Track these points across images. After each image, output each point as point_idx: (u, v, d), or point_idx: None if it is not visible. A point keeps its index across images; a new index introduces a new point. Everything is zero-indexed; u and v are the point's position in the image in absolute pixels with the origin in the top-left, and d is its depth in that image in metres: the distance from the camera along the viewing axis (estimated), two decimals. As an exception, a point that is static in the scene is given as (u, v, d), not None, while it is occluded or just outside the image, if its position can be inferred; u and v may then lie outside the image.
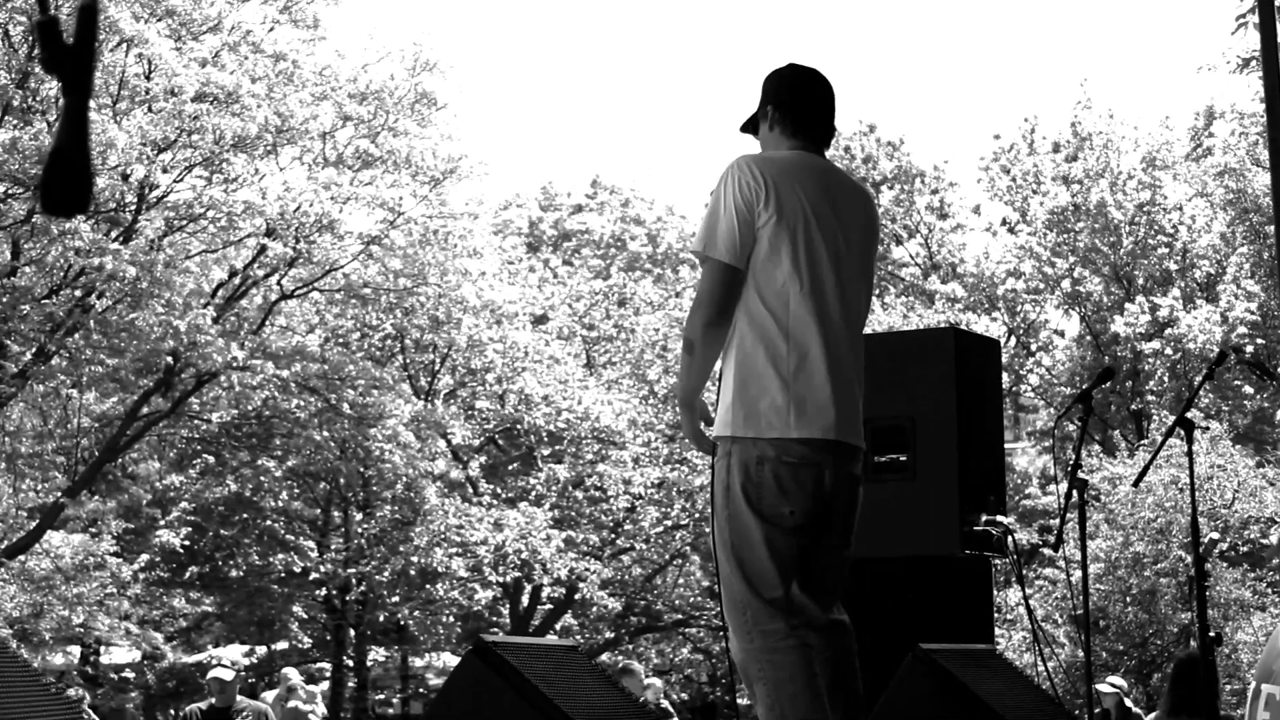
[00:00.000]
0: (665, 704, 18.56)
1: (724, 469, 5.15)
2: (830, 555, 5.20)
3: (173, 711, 34.91)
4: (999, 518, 9.23)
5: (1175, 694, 9.87)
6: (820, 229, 5.21)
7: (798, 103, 5.47)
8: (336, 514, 36.58)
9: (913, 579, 9.19)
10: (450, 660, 39.11)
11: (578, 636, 34.42)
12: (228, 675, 14.27)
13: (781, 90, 5.49)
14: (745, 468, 5.08)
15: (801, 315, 5.14)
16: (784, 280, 5.14)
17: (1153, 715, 10.52)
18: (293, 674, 19.55)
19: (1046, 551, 28.68)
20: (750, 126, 5.63)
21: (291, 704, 17.97)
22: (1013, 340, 37.69)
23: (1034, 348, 38.57)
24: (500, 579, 32.15)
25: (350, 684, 37.12)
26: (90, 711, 17.17)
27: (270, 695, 19.14)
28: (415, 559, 31.60)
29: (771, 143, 5.44)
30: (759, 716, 5.09)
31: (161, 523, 32.41)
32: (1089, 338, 36.96)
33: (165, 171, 25.03)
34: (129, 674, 36.42)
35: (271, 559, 34.97)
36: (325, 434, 29.91)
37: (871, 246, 5.52)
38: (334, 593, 35.27)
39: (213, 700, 14.13)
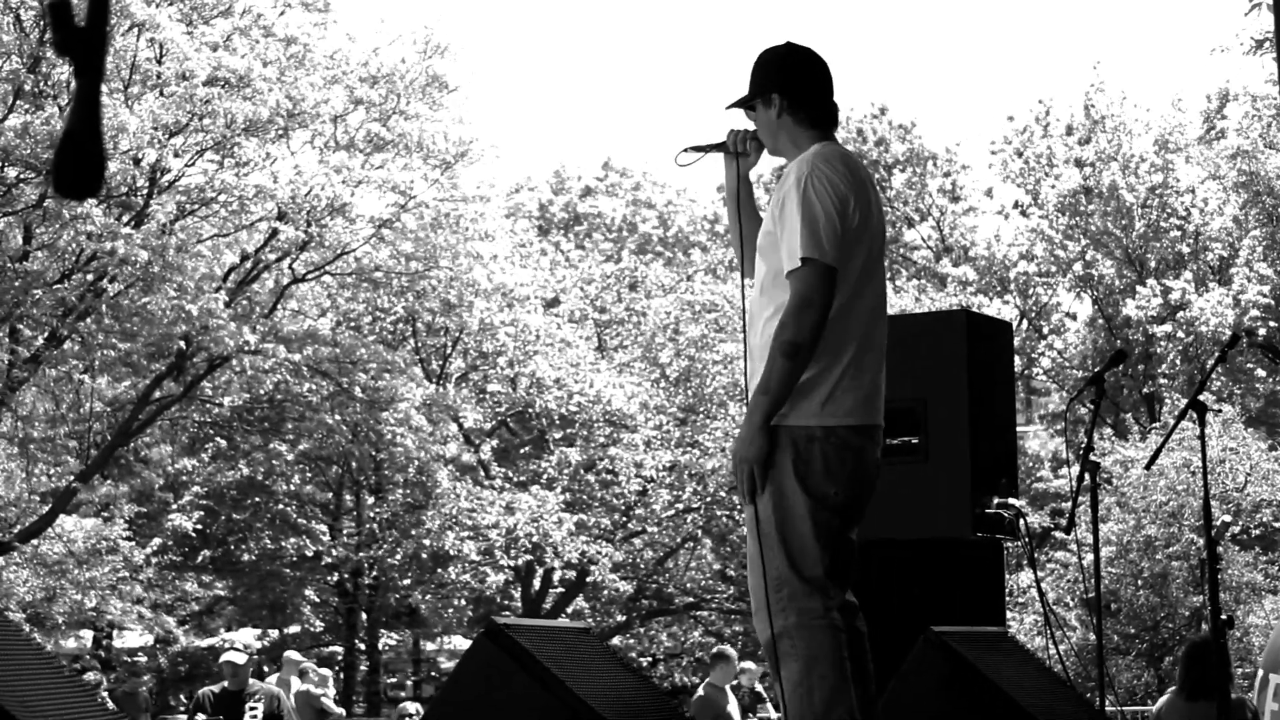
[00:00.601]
0: (760, 688, 18.62)
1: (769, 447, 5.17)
2: (851, 537, 5.29)
3: (185, 695, 35.00)
4: (1010, 500, 9.21)
5: (1187, 677, 9.86)
6: (872, 225, 5.31)
7: (808, 89, 5.43)
8: (348, 497, 36.62)
9: (924, 562, 9.18)
10: (462, 643, 39.17)
11: (589, 620, 34.44)
12: (240, 659, 14.31)
13: (788, 76, 5.43)
14: (795, 445, 5.13)
15: (859, 309, 5.24)
16: (854, 281, 5.22)
17: (1164, 698, 10.51)
18: (295, 655, 19.57)
19: (1058, 535, 28.67)
20: (743, 104, 5.53)
21: (304, 687, 17.98)
22: (1024, 323, 37.65)
23: (1046, 330, 38.53)
24: (512, 562, 32.17)
25: (362, 667, 37.19)
26: (105, 695, 17.21)
27: (274, 679, 19.13)
28: (427, 542, 31.64)
29: (786, 130, 5.39)
30: (783, 692, 5.11)
31: (174, 507, 32.46)
32: (1101, 321, 36.93)
33: (177, 155, 25.04)
34: (141, 658, 36.59)
35: (283, 543, 35.03)
36: (337, 417, 29.94)
37: (884, 227, 5.56)
38: (346, 576, 35.32)
39: (225, 683, 14.17)
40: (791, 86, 5.40)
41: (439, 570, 33.79)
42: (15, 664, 5.58)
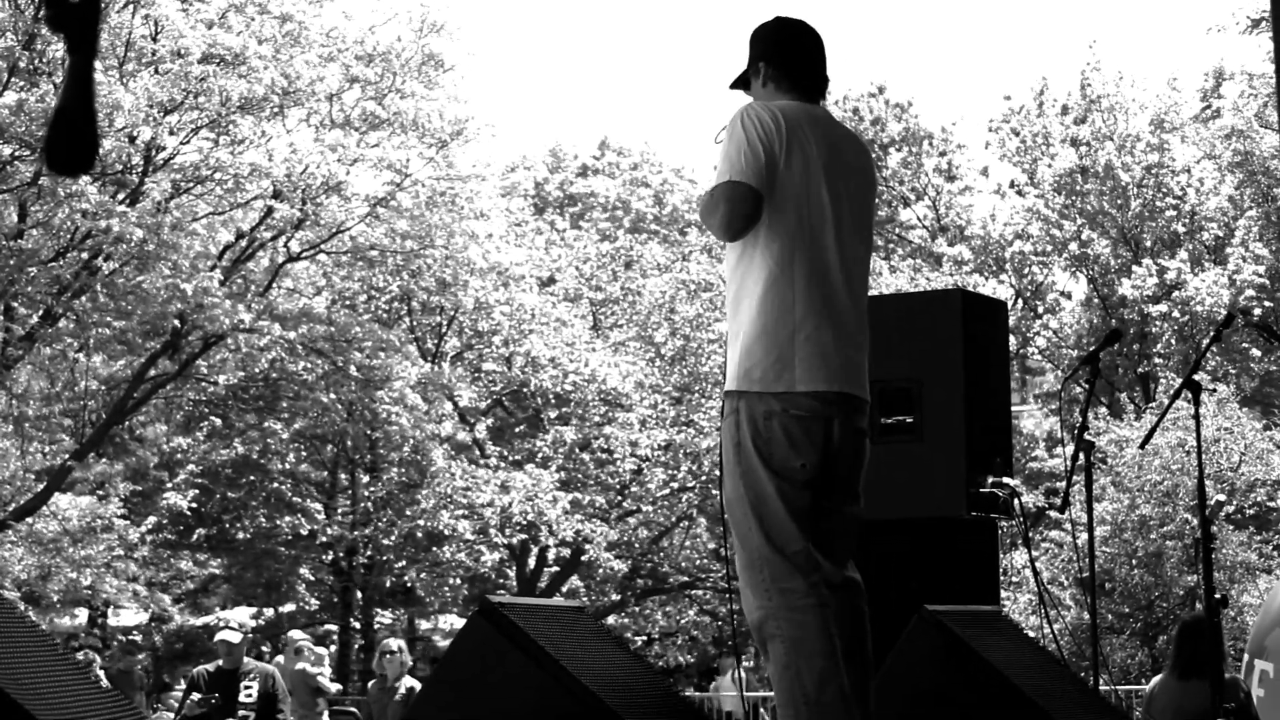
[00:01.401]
0: None
1: (733, 425, 5.15)
2: (840, 512, 5.23)
3: (180, 673, 35.05)
4: (1005, 479, 9.22)
5: (1179, 656, 9.88)
6: (826, 181, 5.22)
7: (789, 56, 5.48)
8: (343, 476, 36.62)
9: (919, 540, 9.20)
10: (457, 622, 39.19)
11: (584, 598, 34.45)
12: (235, 637, 14.31)
13: (771, 45, 5.50)
14: (754, 423, 5.09)
15: (809, 269, 5.15)
16: (793, 234, 5.15)
17: (1157, 677, 10.53)
18: (298, 635, 19.57)
19: (1052, 514, 28.67)
20: (741, 83, 5.62)
21: (300, 666, 17.97)
22: (1020, 302, 37.63)
23: (1041, 310, 38.49)
24: (506, 541, 32.17)
25: (357, 646, 37.22)
26: (100, 674, 17.21)
27: (280, 661, 19.17)
28: (422, 521, 31.63)
29: (766, 97, 5.42)
30: (773, 675, 5.09)
31: (169, 485, 32.45)
32: (1096, 300, 36.91)
33: (172, 133, 25.01)
34: (136, 636, 36.60)
35: (278, 521, 35.03)
36: (332, 396, 29.91)
37: (870, 197, 5.51)
38: (341, 555, 35.33)
39: (220, 662, 14.17)
40: (776, 55, 5.48)
41: (434, 549, 33.78)
42: (10, 642, 5.58)
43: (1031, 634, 9.02)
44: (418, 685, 15.57)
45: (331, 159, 25.88)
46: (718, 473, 5.37)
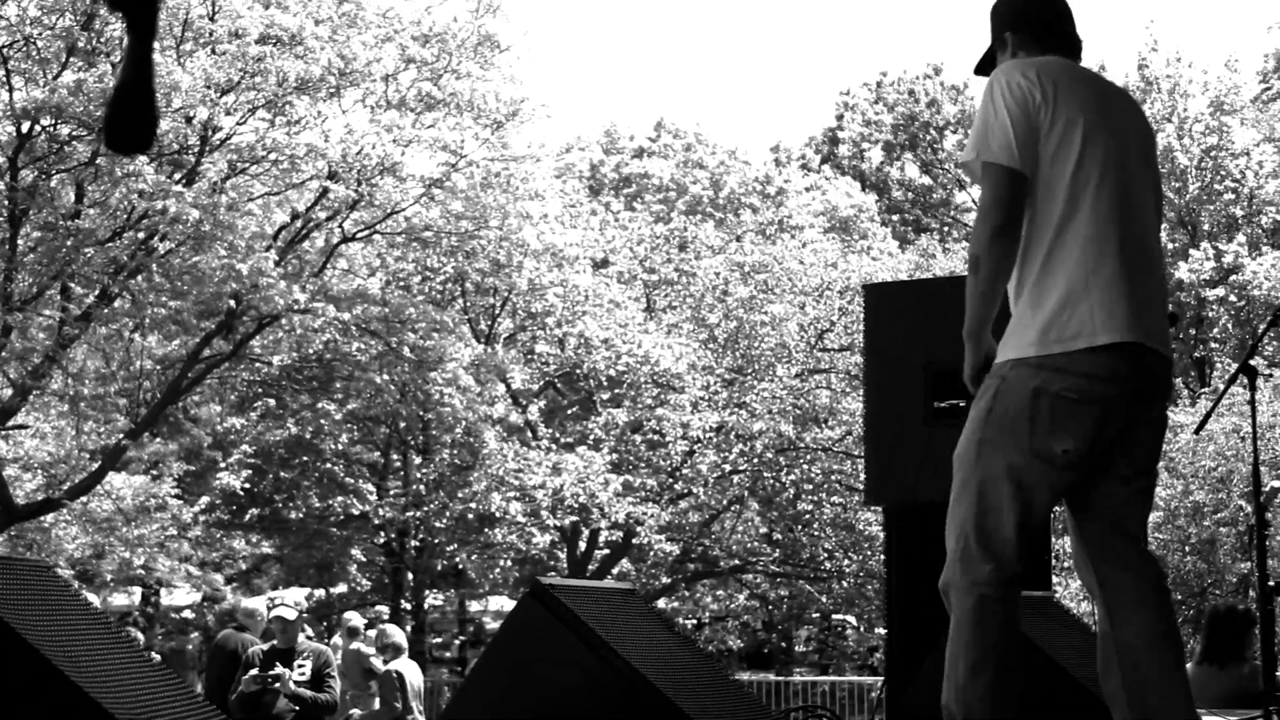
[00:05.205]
0: None
1: (991, 392, 5.01)
2: (1118, 489, 5.05)
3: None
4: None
5: (1205, 643, 9.91)
6: (1102, 131, 5.04)
7: (1035, 21, 5.33)
8: (396, 457, 36.70)
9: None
10: (507, 604, 39.27)
11: (635, 581, 34.43)
12: (291, 615, 14.32)
13: (1016, 14, 5.37)
14: (1020, 395, 4.92)
15: (1093, 219, 4.96)
16: (1070, 185, 4.96)
17: (1187, 665, 10.53)
18: (354, 617, 19.64)
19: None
20: (985, 65, 5.45)
21: (354, 646, 18.03)
22: (1075, 287, 37.45)
23: (1097, 294, 38.30)
24: (558, 523, 32.17)
25: (408, 627, 37.34)
26: (155, 655, 17.30)
27: (337, 640, 19.24)
28: (473, 503, 31.66)
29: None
30: (949, 639, 4.96)
31: (222, 465, 32.59)
32: (1152, 285, 36.70)
33: (228, 114, 25.09)
34: (189, 615, 36.81)
35: (331, 502, 35.14)
36: (385, 377, 29.97)
37: (1152, 152, 5.30)
38: (393, 536, 35.41)
39: (275, 641, 14.20)
40: (1021, 22, 5.33)
41: (485, 531, 33.82)
42: (64, 620, 5.61)
43: (1083, 620, 8.98)
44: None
45: (387, 140, 25.93)
46: (769, 455, 5.34)
